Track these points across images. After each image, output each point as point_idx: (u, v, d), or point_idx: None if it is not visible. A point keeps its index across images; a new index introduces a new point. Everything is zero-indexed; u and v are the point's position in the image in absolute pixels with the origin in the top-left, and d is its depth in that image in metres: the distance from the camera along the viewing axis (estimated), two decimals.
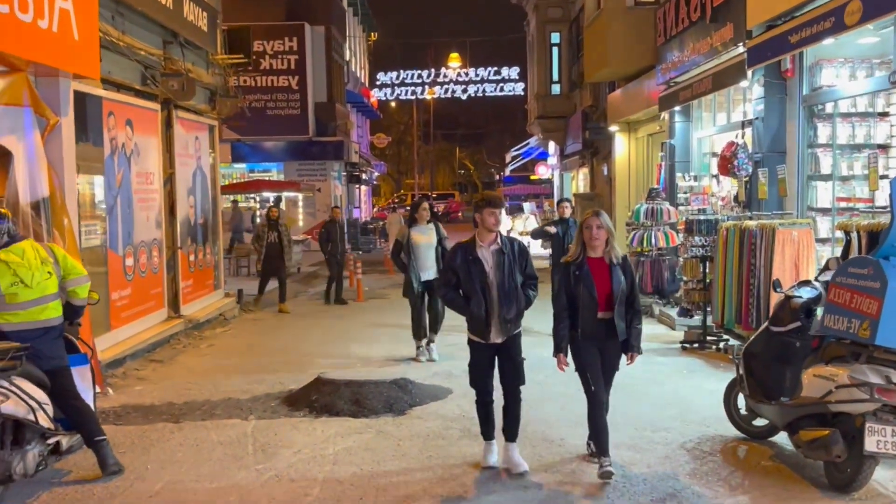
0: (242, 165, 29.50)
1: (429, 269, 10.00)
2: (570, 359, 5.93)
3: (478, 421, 6.20)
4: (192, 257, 12.91)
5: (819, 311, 6.14)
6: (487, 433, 6.13)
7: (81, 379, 6.08)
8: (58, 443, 5.71)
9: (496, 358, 6.08)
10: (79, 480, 5.89)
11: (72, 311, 6.12)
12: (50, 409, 5.62)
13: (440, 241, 10.02)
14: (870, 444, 5.24)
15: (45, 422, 5.51)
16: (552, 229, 12.29)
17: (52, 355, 5.81)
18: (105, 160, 9.94)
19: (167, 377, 9.27)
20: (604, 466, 5.74)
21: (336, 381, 7.89)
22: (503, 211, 6.61)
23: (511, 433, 6.06)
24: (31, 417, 5.39)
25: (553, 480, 5.83)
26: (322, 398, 7.69)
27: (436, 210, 11.64)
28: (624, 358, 5.99)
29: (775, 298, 7.00)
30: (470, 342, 6.13)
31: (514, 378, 6.04)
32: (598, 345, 5.88)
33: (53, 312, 5.87)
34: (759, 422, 6.62)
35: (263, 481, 5.87)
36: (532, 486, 5.72)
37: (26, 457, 5.39)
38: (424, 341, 10.10)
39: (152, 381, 9.03)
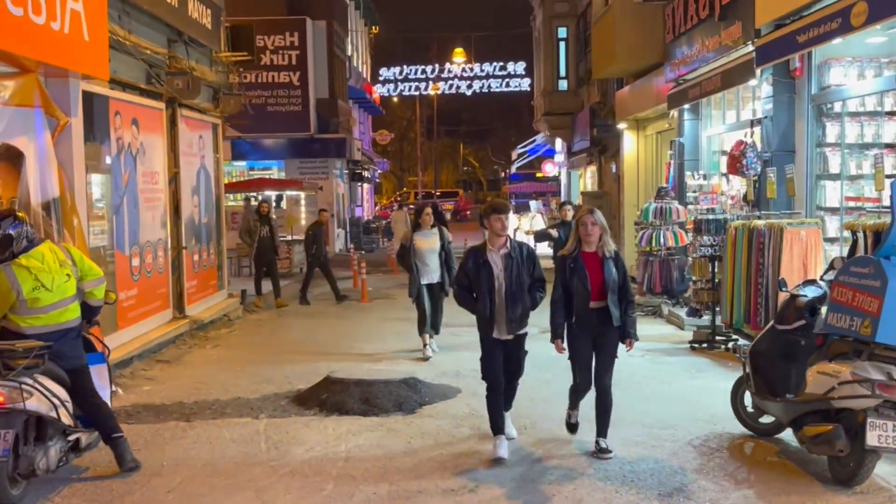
0: (242, 163, 29.02)
1: (432, 273, 10.15)
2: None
3: (488, 419, 6.37)
4: (196, 257, 12.91)
5: (823, 310, 6.20)
6: (497, 426, 6.33)
7: (99, 377, 6.16)
8: (77, 439, 5.82)
9: (503, 352, 6.42)
10: (97, 476, 5.97)
11: (88, 311, 6.19)
12: (70, 406, 5.73)
13: (444, 245, 10.13)
14: (871, 438, 5.35)
15: (66, 419, 5.62)
16: (554, 232, 12.34)
17: (73, 355, 5.90)
18: (112, 160, 9.97)
19: (175, 377, 9.33)
20: (571, 419, 6.64)
21: (345, 381, 7.96)
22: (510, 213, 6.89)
23: (506, 404, 6.58)
24: (54, 414, 5.50)
25: (561, 476, 5.91)
26: (332, 397, 7.76)
27: (441, 210, 11.65)
28: (624, 347, 6.32)
29: (782, 297, 7.06)
30: (481, 335, 6.46)
31: (515, 370, 6.53)
32: (591, 332, 6.27)
33: (73, 314, 5.94)
34: (766, 419, 6.70)
35: (278, 477, 5.95)
36: (541, 481, 5.82)
37: (48, 452, 5.51)
38: (430, 339, 10.22)
39: (161, 381, 9.09)
